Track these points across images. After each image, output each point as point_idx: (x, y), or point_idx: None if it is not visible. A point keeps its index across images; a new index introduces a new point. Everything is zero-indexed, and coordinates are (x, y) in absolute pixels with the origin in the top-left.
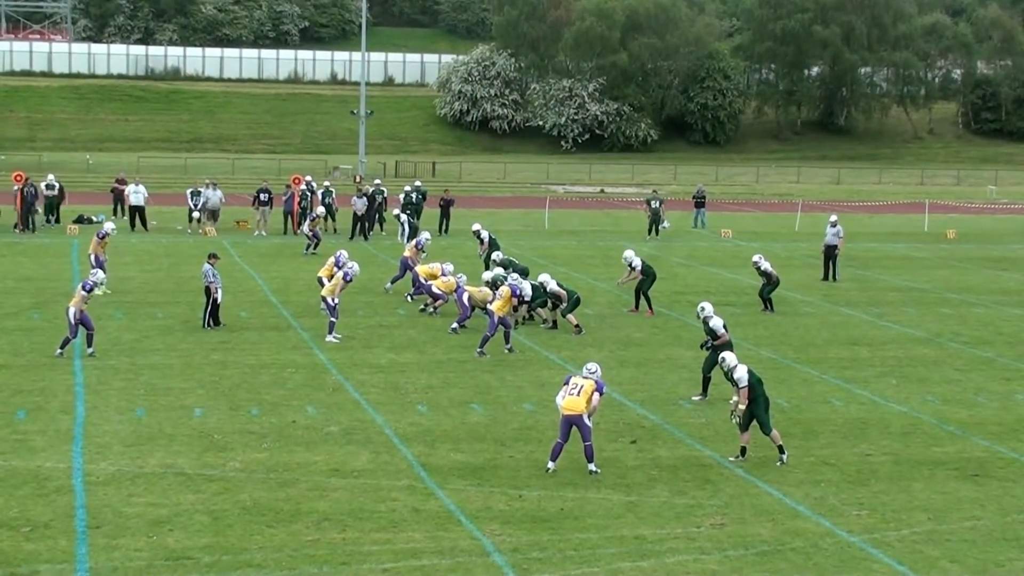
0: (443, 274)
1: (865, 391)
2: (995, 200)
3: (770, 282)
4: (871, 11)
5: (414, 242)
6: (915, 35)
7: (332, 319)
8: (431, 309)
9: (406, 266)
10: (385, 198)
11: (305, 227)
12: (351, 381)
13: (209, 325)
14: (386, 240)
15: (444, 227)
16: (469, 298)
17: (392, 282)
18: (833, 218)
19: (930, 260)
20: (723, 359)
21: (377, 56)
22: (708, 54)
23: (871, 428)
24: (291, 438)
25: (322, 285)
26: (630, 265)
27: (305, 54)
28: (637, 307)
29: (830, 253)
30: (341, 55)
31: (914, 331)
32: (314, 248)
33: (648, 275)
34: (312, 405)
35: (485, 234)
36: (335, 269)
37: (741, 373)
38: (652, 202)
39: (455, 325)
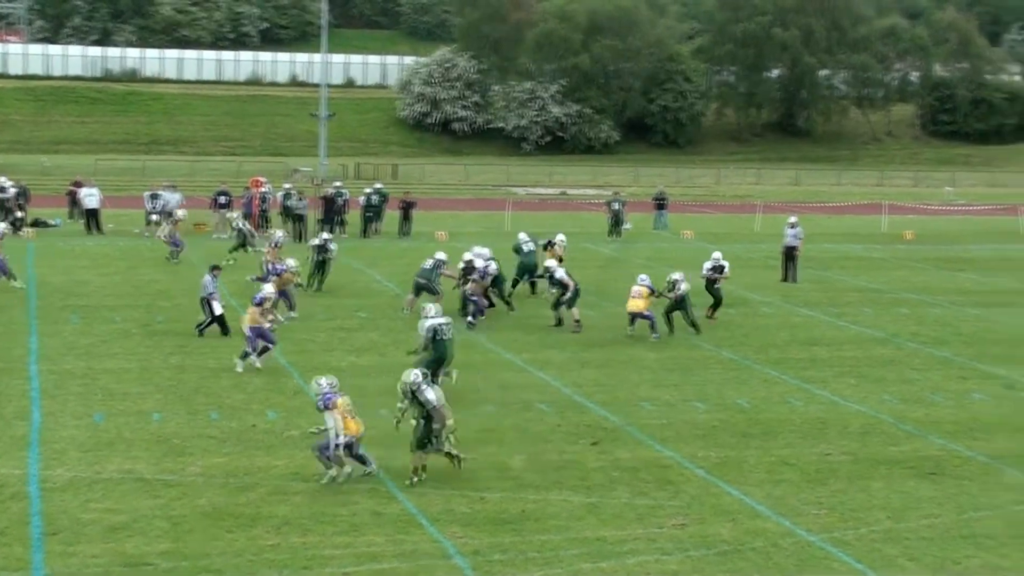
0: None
1: (824, 391)
2: (952, 201)
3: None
4: (830, 14)
5: (271, 242)
6: (873, 38)
7: (260, 344)
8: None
9: (270, 270)
10: (346, 200)
11: (237, 222)
12: (311, 384)
13: (213, 334)
14: (347, 243)
15: (405, 229)
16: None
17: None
18: (792, 219)
19: (888, 261)
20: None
21: (337, 58)
22: (669, 56)
23: (830, 428)
24: (251, 442)
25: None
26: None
27: (265, 56)
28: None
29: (790, 254)
30: (301, 57)
31: (872, 331)
32: (245, 248)
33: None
34: (272, 409)
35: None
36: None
37: None
38: (613, 204)
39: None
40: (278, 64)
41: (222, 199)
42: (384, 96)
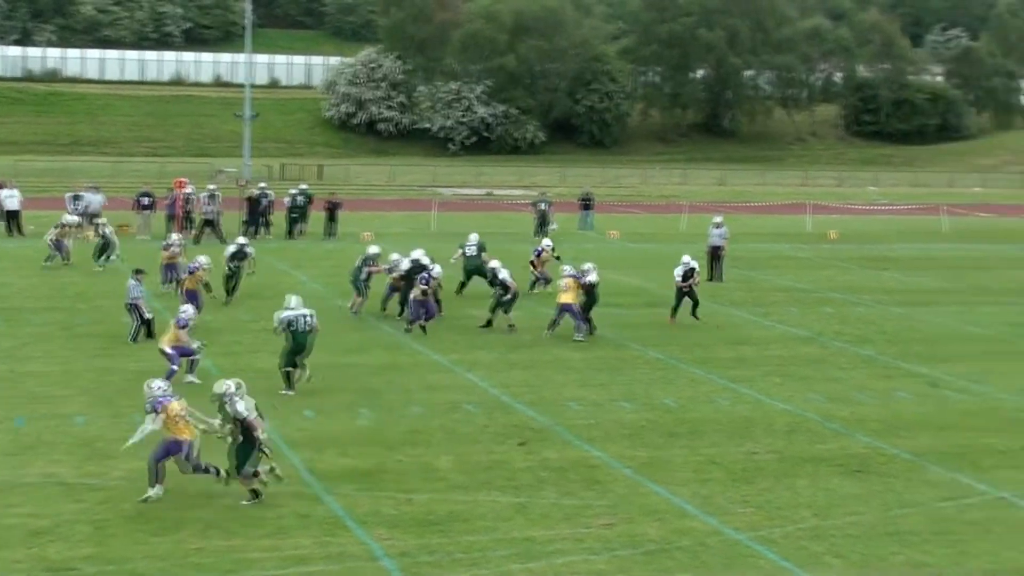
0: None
1: (750, 390)
2: (875, 201)
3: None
4: (754, 15)
5: (165, 244)
6: (797, 39)
7: (172, 367)
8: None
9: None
10: (271, 201)
11: (50, 235)
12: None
13: (141, 338)
14: (272, 244)
15: (331, 230)
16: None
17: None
18: (717, 219)
19: (813, 260)
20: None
21: (262, 58)
22: (594, 57)
23: (756, 427)
24: None
25: None
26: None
27: (188, 56)
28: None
29: (715, 254)
30: (225, 57)
31: (797, 330)
32: (62, 259)
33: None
34: (197, 411)
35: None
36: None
37: None
38: (539, 204)
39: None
40: (201, 64)
41: (145, 200)
42: (309, 96)
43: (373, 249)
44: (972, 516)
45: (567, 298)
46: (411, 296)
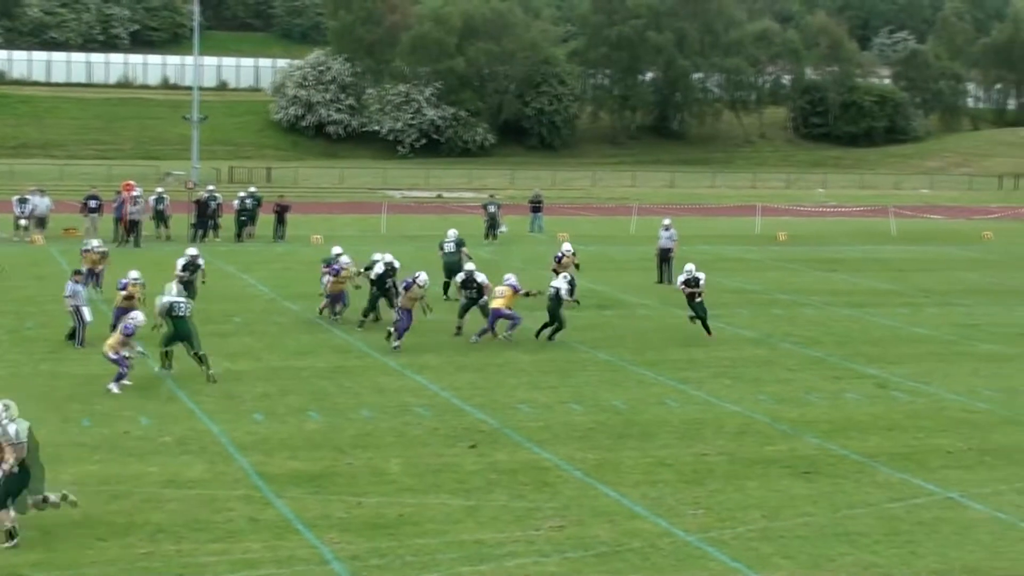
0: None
1: (700, 391)
2: (824, 203)
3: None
4: (703, 18)
5: (86, 248)
6: (746, 41)
7: (121, 370)
8: None
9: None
10: (219, 204)
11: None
12: (185, 390)
13: (80, 344)
14: (220, 247)
15: (280, 233)
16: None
17: None
18: (666, 221)
19: (762, 262)
20: None
21: (210, 60)
22: (544, 59)
23: (706, 428)
24: (123, 449)
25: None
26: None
27: (136, 58)
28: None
29: (664, 256)
30: (173, 59)
31: (747, 332)
32: None
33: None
34: (145, 415)
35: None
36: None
37: None
38: (489, 207)
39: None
40: (149, 67)
41: (92, 203)
42: (258, 99)
43: (336, 250)
44: (921, 516)
45: (496, 303)
46: (397, 302)
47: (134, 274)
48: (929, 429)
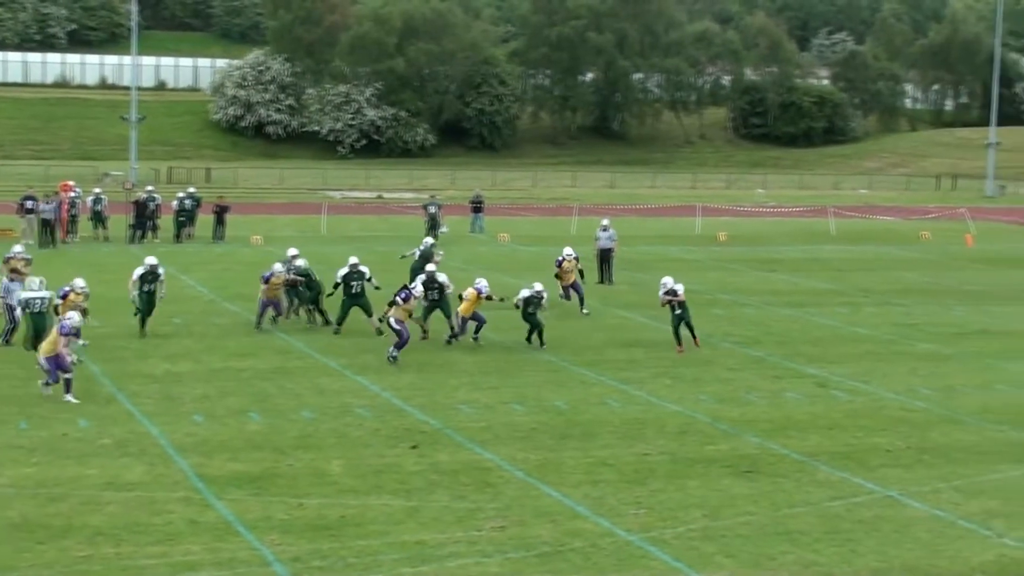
0: None
1: (641, 391)
2: (764, 203)
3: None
4: (643, 19)
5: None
6: (686, 42)
7: (67, 376)
8: None
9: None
10: (158, 205)
11: None
12: (124, 392)
13: (7, 342)
14: (159, 248)
15: (219, 234)
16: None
17: None
18: (605, 222)
19: (702, 262)
20: None
21: (148, 60)
22: (484, 60)
23: (648, 428)
24: (62, 451)
25: None
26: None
27: (73, 58)
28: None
29: (604, 256)
30: (111, 59)
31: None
32: None
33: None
34: (84, 417)
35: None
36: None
37: None
38: (430, 207)
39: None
40: (87, 66)
41: (29, 204)
42: (197, 99)
43: (291, 251)
44: (861, 515)
45: (463, 307)
46: (389, 314)
47: (80, 282)
48: (868, 428)
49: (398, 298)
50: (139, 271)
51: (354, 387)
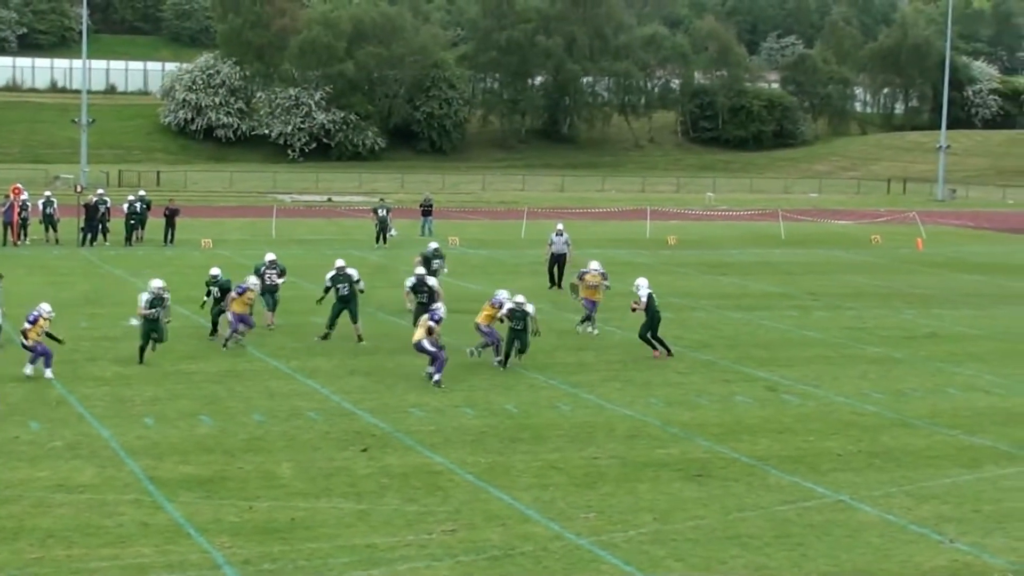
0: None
1: (591, 395)
2: (713, 207)
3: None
4: (592, 22)
5: None
6: (635, 46)
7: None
8: None
9: None
10: (108, 208)
11: None
12: (75, 395)
13: None
14: (110, 251)
15: (170, 237)
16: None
17: None
18: (559, 227)
19: (652, 266)
20: None
21: (98, 63)
22: (433, 63)
23: (598, 432)
24: (13, 454)
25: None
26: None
27: (24, 61)
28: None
29: (558, 261)
30: (61, 62)
31: (637, 335)
32: None
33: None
34: (35, 420)
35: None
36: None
37: None
38: (379, 211)
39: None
40: (37, 70)
41: None
42: (147, 103)
43: (270, 256)
44: (812, 519)
45: (480, 318)
46: (416, 339)
47: (46, 307)
48: (819, 432)
49: (431, 322)
50: (145, 297)
51: (304, 390)
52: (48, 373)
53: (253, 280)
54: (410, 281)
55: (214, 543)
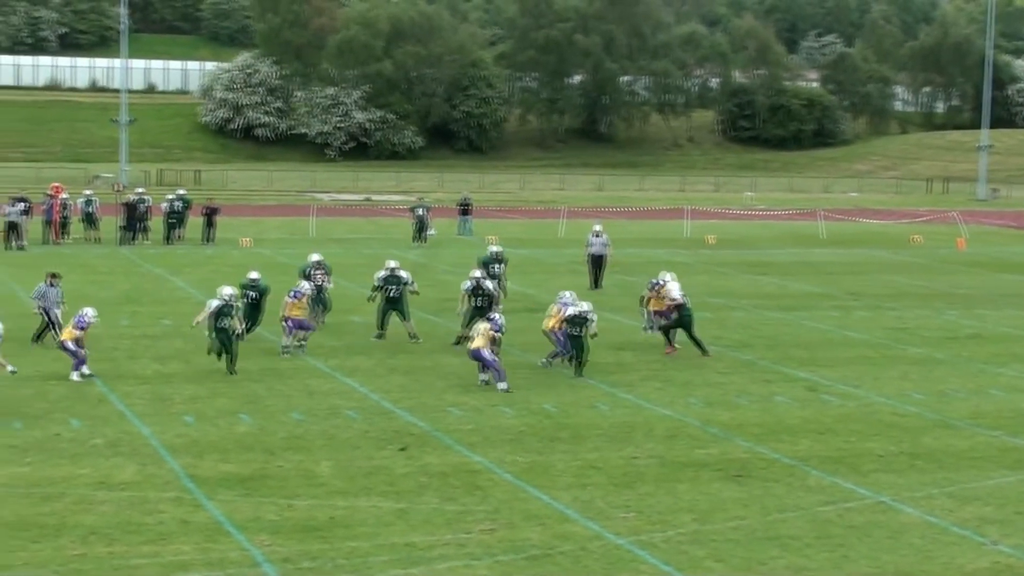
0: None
1: (630, 395)
2: (752, 206)
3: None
4: (631, 21)
5: None
6: (673, 45)
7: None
8: None
9: None
10: (148, 207)
11: None
12: (116, 392)
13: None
14: (150, 249)
15: (209, 236)
16: None
17: None
18: (597, 227)
19: (691, 265)
20: None
21: (138, 63)
22: (471, 62)
23: (637, 431)
24: (54, 451)
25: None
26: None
27: (64, 61)
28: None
29: (598, 262)
30: (101, 62)
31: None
32: None
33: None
34: (76, 417)
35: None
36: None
37: None
38: (417, 210)
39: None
40: (77, 69)
41: (21, 206)
42: (186, 102)
43: (315, 256)
44: (853, 520)
45: (549, 323)
46: (474, 347)
47: (91, 312)
48: (860, 433)
49: (494, 331)
50: (214, 304)
51: (343, 389)
52: (76, 376)
53: (307, 285)
54: (467, 284)
55: (253, 541)
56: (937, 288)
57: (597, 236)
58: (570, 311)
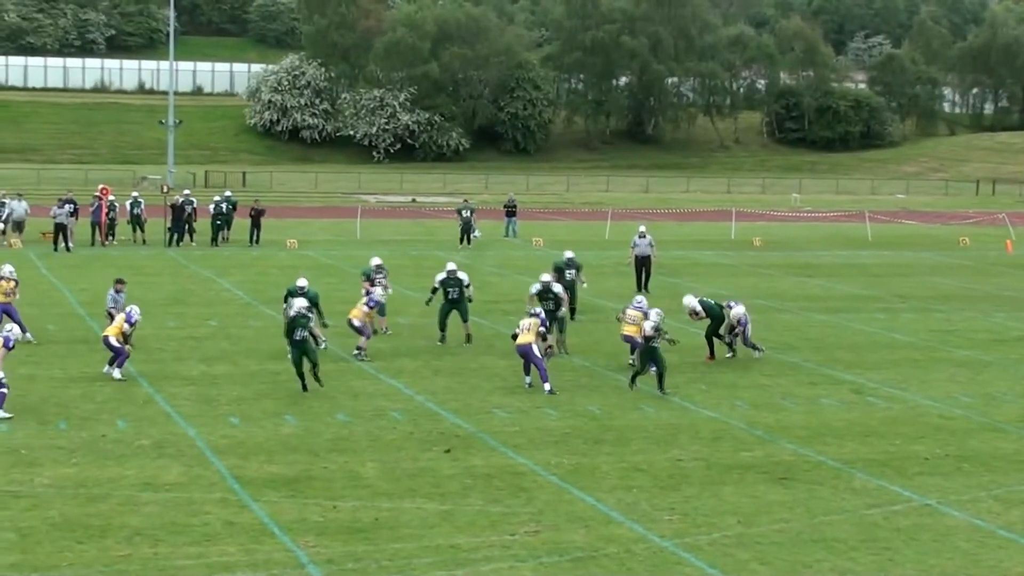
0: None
1: (675, 397)
2: (799, 208)
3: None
4: (677, 22)
5: None
6: (720, 46)
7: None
8: None
9: None
10: (195, 208)
11: None
12: (162, 393)
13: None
14: (196, 251)
15: (255, 237)
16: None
17: None
18: (642, 228)
19: (737, 267)
20: None
21: (185, 65)
22: (518, 64)
23: (682, 433)
24: (100, 452)
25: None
26: (694, 312)
27: (112, 63)
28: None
29: (644, 263)
30: (149, 64)
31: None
32: None
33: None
34: (122, 418)
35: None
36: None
37: None
38: (463, 211)
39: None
40: (125, 71)
41: (69, 207)
42: (233, 104)
43: (375, 261)
44: (899, 523)
45: (630, 330)
46: (524, 342)
47: (135, 311)
48: (906, 435)
49: (542, 327)
50: (290, 314)
51: (388, 390)
52: (116, 372)
53: (380, 292)
54: (535, 287)
55: (298, 542)
56: (984, 290)
57: (642, 237)
58: (647, 329)
